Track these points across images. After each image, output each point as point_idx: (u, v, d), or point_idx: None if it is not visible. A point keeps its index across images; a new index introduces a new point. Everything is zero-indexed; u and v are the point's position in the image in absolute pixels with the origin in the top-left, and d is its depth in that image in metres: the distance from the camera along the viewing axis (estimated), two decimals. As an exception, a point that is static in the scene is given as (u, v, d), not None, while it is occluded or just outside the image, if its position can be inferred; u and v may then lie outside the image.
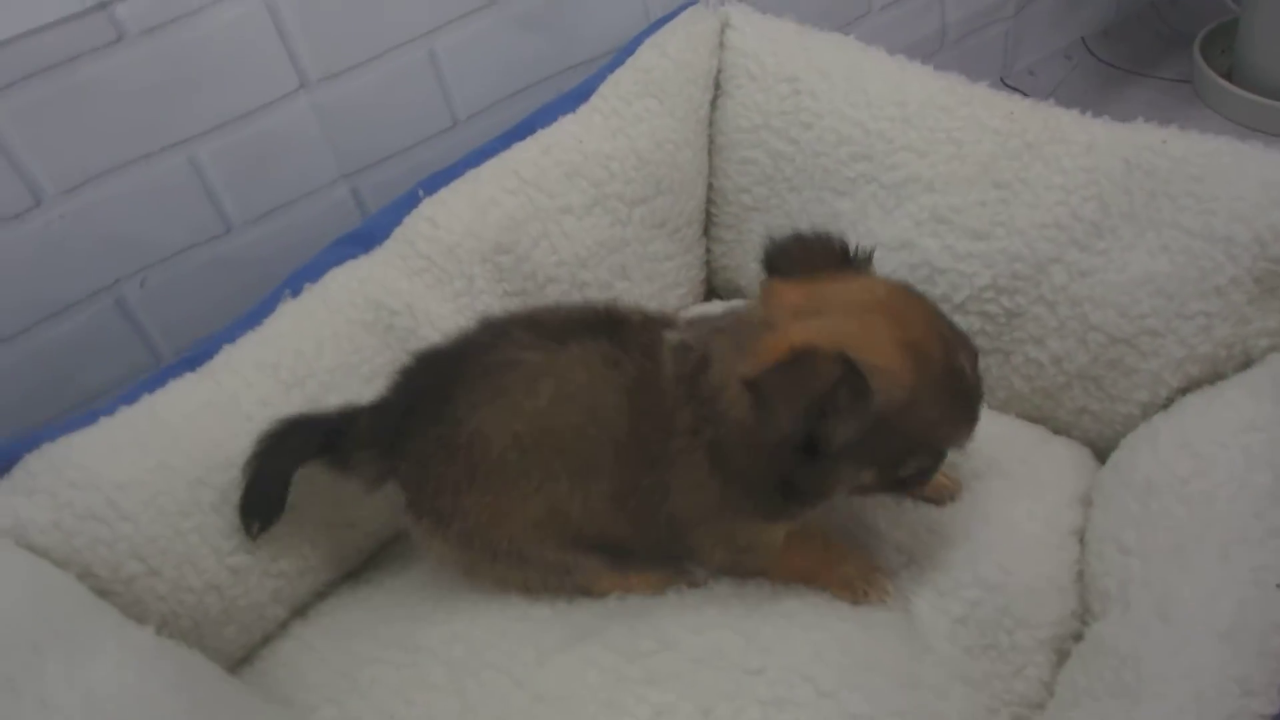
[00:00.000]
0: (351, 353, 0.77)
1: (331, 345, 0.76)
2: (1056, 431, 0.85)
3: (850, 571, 0.70)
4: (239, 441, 0.69)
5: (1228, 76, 1.42)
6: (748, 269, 0.98)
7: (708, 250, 1.01)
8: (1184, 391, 0.76)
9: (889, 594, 0.70)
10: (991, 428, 0.82)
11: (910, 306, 0.61)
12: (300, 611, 0.77)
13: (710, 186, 0.98)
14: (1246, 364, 0.75)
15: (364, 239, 0.82)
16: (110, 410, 0.69)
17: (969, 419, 0.62)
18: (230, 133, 0.84)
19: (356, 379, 0.76)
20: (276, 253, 0.90)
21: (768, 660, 0.66)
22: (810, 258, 0.63)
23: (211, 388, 0.71)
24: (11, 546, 0.61)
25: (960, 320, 0.84)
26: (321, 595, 0.78)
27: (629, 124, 0.90)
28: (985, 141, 0.84)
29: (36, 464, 0.65)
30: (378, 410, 0.69)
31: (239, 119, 0.84)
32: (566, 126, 0.89)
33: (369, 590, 0.78)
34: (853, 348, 0.56)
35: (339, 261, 0.80)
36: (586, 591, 0.71)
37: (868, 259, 0.65)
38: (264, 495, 0.67)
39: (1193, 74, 1.46)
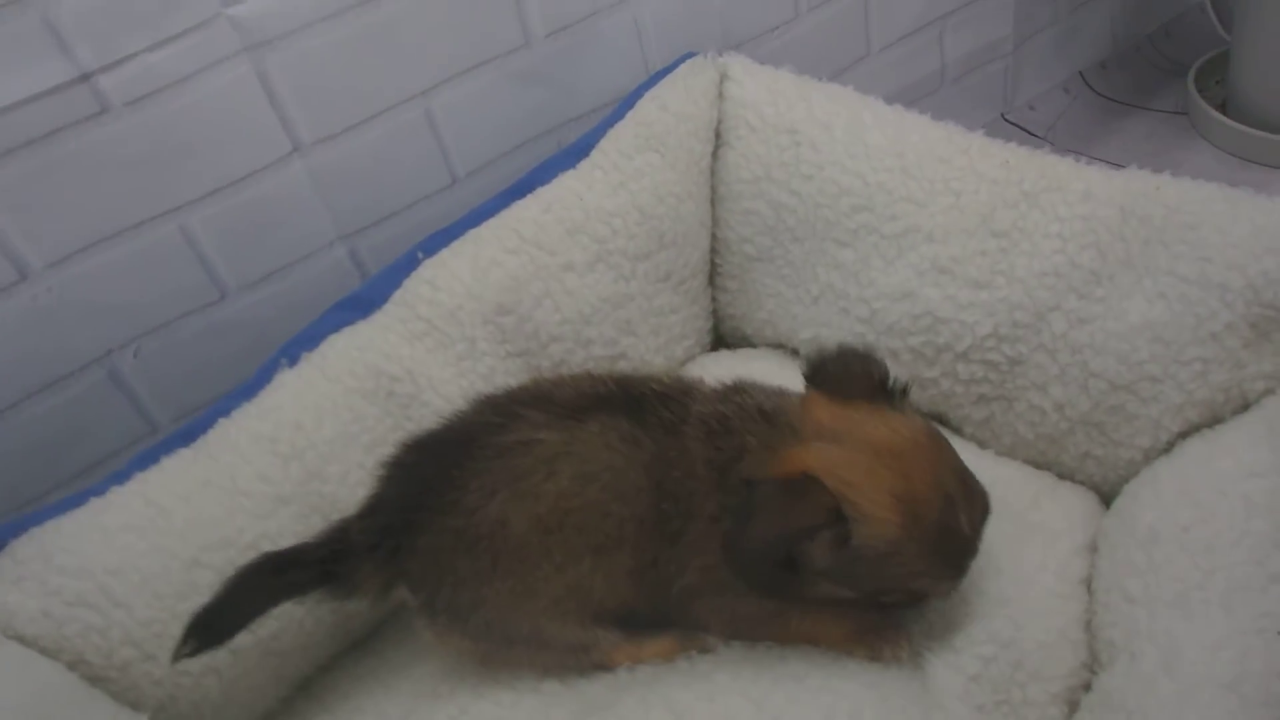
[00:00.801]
0: (351, 422, 0.75)
1: (330, 415, 0.75)
2: (1061, 477, 0.84)
3: (864, 628, 0.69)
4: (236, 520, 0.67)
5: (1222, 108, 1.43)
6: (754, 318, 0.98)
7: (713, 300, 1.01)
8: (1184, 435, 0.76)
9: (904, 649, 0.68)
10: (1001, 471, 0.83)
11: (924, 457, 0.60)
12: (303, 686, 0.75)
13: (713, 236, 0.98)
14: (1244, 406, 0.75)
15: (362, 304, 0.81)
16: (101, 491, 0.67)
17: (953, 575, 0.63)
18: (222, 200, 0.83)
19: (357, 448, 0.75)
20: (274, 316, 0.90)
21: (779, 728, 0.64)
22: (850, 376, 0.63)
23: (207, 464, 0.70)
24: (1, 640, 0.60)
25: (963, 369, 0.84)
26: (325, 668, 0.77)
27: (630, 179, 0.90)
28: (983, 191, 0.83)
29: (24, 550, 0.64)
30: (372, 512, 0.65)
31: (231, 186, 0.83)
32: (567, 183, 0.88)
33: (373, 663, 0.76)
34: (851, 489, 0.58)
35: (336, 328, 0.79)
36: (602, 668, 0.69)
37: (904, 391, 0.65)
38: (219, 626, 0.62)
39: (1188, 105, 1.47)
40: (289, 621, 0.71)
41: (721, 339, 1.02)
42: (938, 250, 0.84)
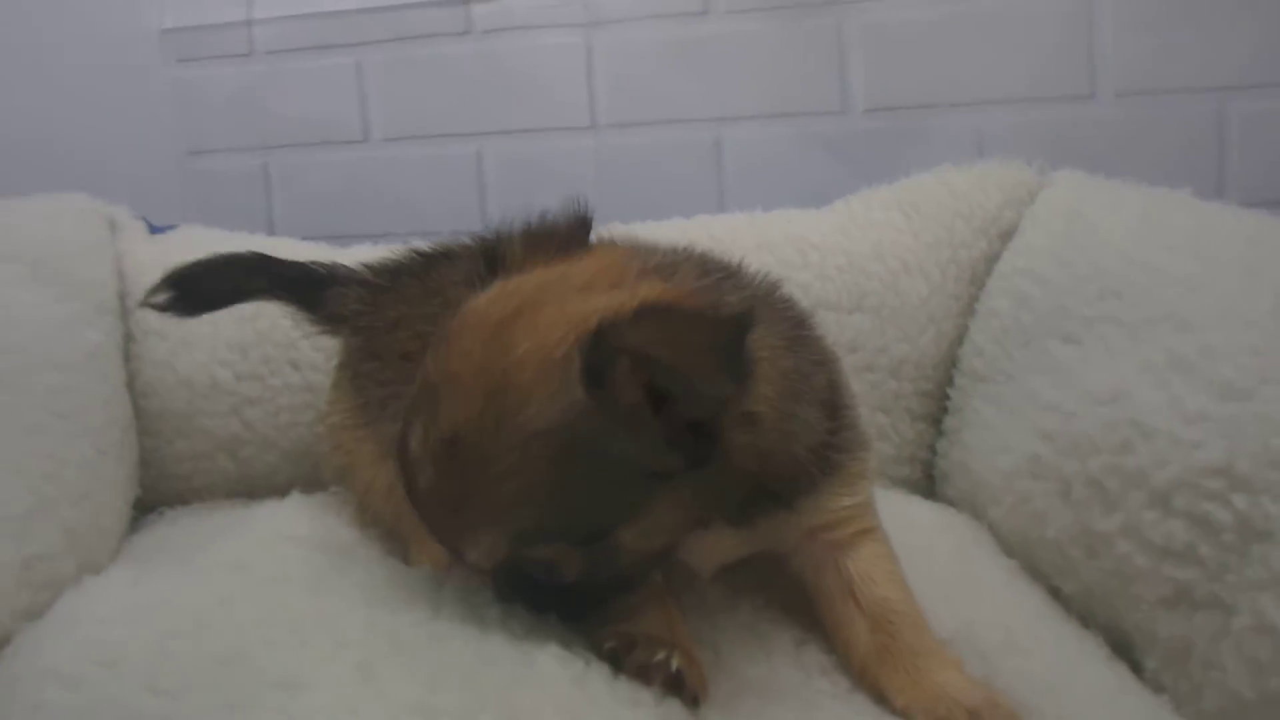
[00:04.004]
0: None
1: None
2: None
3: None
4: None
5: None
6: (953, 458, 0.71)
7: (932, 449, 0.76)
8: None
9: None
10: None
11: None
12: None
13: (954, 362, 0.76)
14: None
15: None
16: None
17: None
18: (515, 141, 0.95)
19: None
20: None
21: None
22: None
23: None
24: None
25: (1155, 523, 0.50)
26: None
27: (857, 225, 0.77)
28: (1303, 275, 0.51)
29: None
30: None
31: (528, 132, 0.95)
32: (787, 211, 0.81)
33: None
34: None
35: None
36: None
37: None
38: (194, 293, 0.65)
39: None
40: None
41: (934, 494, 0.75)
42: (1188, 341, 0.52)
